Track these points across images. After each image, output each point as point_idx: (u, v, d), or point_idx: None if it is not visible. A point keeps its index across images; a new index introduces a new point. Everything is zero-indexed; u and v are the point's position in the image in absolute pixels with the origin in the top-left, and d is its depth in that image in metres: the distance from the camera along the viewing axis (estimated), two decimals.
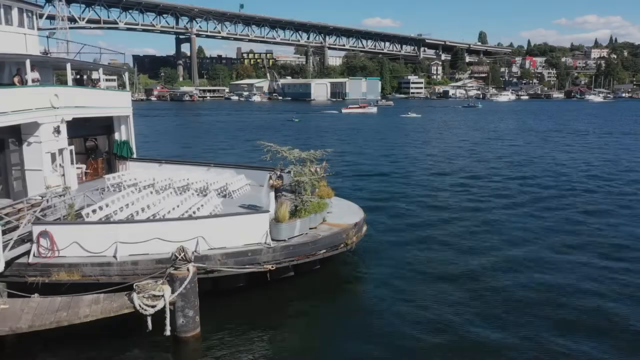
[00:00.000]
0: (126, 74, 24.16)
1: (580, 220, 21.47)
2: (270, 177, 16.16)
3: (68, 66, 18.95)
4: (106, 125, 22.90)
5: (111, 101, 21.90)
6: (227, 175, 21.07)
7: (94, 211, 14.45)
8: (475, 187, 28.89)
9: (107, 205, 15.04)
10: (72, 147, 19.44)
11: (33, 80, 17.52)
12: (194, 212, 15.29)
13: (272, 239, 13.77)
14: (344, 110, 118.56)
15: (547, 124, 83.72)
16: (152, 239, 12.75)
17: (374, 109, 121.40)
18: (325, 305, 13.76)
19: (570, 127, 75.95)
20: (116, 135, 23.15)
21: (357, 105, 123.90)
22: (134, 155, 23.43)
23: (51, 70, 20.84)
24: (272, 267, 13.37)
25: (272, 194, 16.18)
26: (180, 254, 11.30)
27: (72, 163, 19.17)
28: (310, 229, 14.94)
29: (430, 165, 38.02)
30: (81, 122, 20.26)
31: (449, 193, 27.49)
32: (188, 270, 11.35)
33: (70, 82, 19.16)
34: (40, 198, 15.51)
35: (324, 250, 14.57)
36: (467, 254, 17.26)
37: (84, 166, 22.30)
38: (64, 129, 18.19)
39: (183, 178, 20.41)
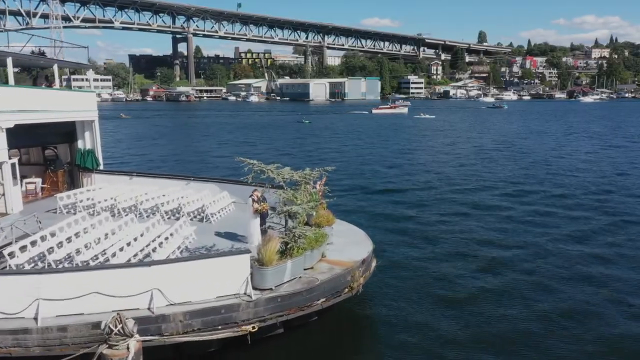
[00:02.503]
0: (90, 71, 20.64)
1: None
2: (254, 201, 12.77)
3: (9, 61, 15.43)
4: (67, 131, 19.51)
5: (70, 104, 18.40)
6: (207, 192, 17.63)
7: (22, 248, 11.05)
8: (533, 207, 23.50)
9: (42, 239, 11.64)
10: (16, 160, 16.02)
11: None
12: (155, 249, 11.87)
13: (254, 288, 10.36)
14: (374, 111, 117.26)
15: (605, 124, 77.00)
16: (89, 294, 9.35)
17: (404, 109, 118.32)
18: None
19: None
20: (79, 144, 19.75)
21: (388, 106, 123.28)
22: (101, 167, 20.04)
23: None
24: (254, 327, 9.98)
25: (257, 222, 12.83)
26: (116, 326, 7.90)
27: (14, 179, 15.72)
28: (305, 269, 11.56)
29: (473, 178, 31.50)
30: (33, 128, 16.87)
31: (497, 215, 22.09)
32: (128, 348, 7.95)
33: (11, 79, 15.68)
34: None
35: (323, 299, 11.18)
36: (505, 296, 13.83)
37: (39, 180, 18.95)
38: (2, 138, 14.76)
39: (153, 196, 17.01)
